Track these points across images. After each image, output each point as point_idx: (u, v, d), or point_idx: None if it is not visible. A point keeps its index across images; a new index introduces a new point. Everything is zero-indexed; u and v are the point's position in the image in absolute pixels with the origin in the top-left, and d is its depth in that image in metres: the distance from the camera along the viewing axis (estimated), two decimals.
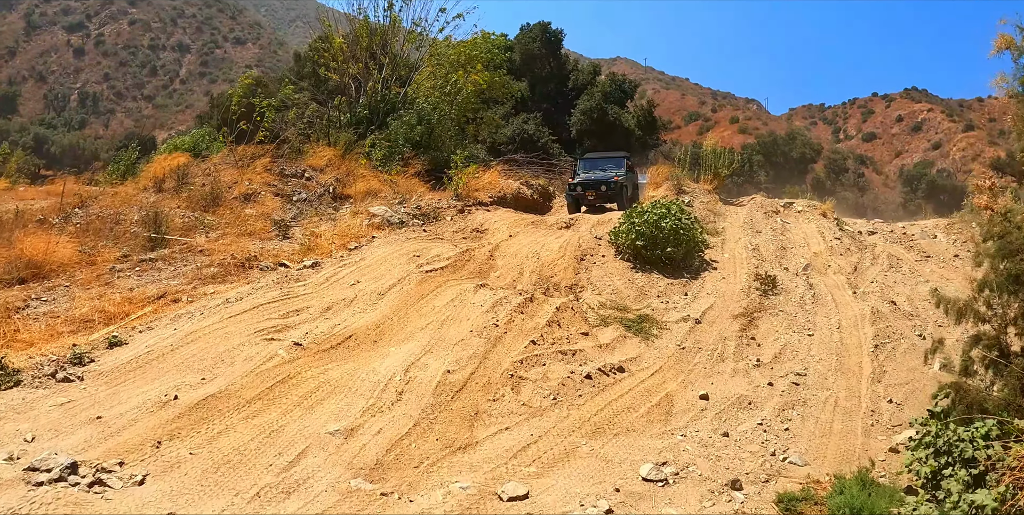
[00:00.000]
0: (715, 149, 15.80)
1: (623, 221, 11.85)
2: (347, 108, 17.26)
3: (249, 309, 8.48)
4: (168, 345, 7.48)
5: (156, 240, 10.60)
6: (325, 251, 10.81)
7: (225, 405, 6.20)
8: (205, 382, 6.62)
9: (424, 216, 13.16)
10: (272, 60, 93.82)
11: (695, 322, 9.57)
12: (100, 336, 8.00)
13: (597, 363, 7.97)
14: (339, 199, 13.28)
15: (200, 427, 5.89)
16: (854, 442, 7.36)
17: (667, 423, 7.17)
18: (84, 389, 6.53)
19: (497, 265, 11.27)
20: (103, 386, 6.64)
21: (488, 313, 8.60)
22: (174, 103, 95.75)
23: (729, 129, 74.03)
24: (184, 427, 5.87)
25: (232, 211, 11.81)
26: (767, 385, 8.20)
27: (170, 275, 9.85)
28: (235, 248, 10.33)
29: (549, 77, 27.55)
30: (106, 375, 6.86)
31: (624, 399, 7.38)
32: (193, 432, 5.82)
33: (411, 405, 6.49)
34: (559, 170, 20.22)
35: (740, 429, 7.24)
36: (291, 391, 6.52)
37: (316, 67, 19.96)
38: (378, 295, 9.24)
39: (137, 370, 6.96)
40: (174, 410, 6.07)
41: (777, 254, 12.48)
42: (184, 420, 5.96)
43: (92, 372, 6.90)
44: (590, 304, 9.75)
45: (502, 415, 6.64)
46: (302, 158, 14.88)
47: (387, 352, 7.61)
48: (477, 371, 7.21)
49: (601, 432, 6.69)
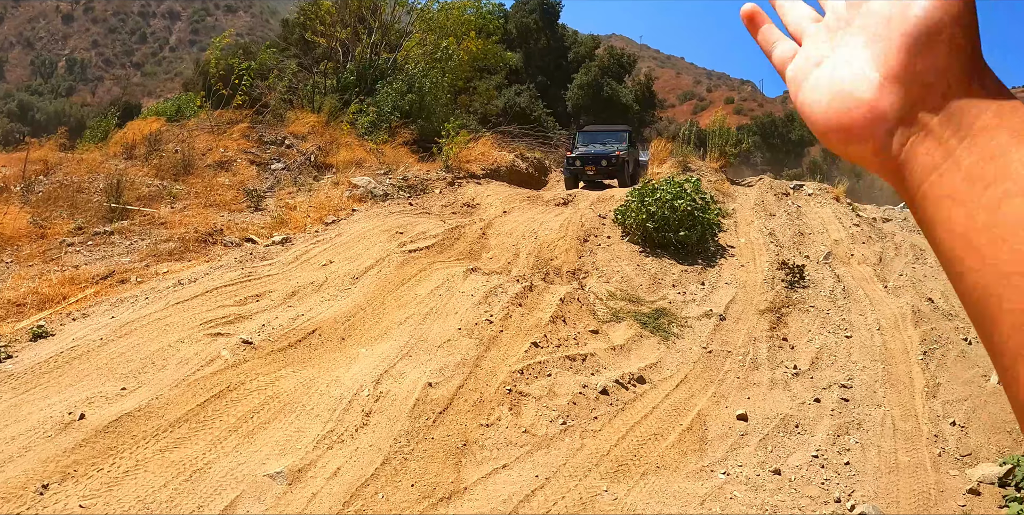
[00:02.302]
0: (722, 126, 13.88)
1: (631, 199, 9.94)
2: (333, 73, 15.10)
3: (201, 293, 6.54)
4: (97, 339, 5.57)
5: (116, 211, 8.58)
6: (299, 225, 8.84)
7: (141, 429, 4.30)
8: (125, 393, 4.74)
9: (411, 188, 11.17)
10: (263, 29, 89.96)
11: (719, 319, 7.73)
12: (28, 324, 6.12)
13: (612, 372, 6.11)
14: (321, 168, 11.26)
15: (104, 462, 4.03)
16: (926, 480, 5.61)
17: (703, 454, 5.35)
18: None
19: (490, 245, 9.33)
20: (8, 393, 4.78)
21: (480, 305, 6.70)
22: (163, 71, 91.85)
23: (724, 110, 71.71)
24: (83, 461, 4.02)
25: (203, 180, 9.80)
26: (813, 401, 6.41)
27: (123, 250, 7.89)
28: (199, 221, 8.35)
29: (545, 50, 25.22)
30: (17, 378, 4.99)
31: (649, 422, 5.54)
32: (93, 469, 3.97)
33: (380, 432, 4.60)
34: (554, 143, 18.19)
35: (792, 463, 5.45)
36: (228, 410, 4.62)
37: (304, 32, 17.75)
38: (352, 279, 7.30)
39: (54, 371, 5.09)
40: (77, 435, 4.20)
41: (795, 240, 10.65)
42: (86, 450, 4.10)
43: (2, 373, 5.03)
44: (598, 294, 7.87)
45: (498, 447, 4.78)
46: (283, 125, 12.79)
47: (355, 354, 5.71)
48: (466, 384, 5.32)
49: (625, 471, 4.86)
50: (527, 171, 14.32)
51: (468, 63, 16.86)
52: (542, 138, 17.32)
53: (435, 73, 14.70)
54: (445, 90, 15.42)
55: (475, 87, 18.16)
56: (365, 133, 12.89)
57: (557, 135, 18.89)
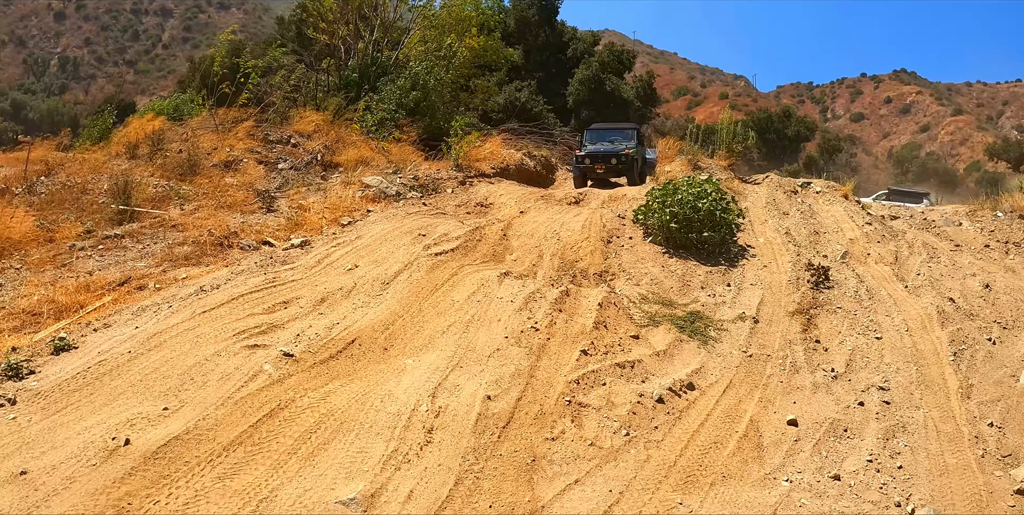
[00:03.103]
0: (729, 123, 13.87)
1: (651, 199, 9.87)
2: (336, 71, 14.83)
3: (227, 301, 6.33)
4: (125, 352, 5.35)
5: (124, 213, 8.32)
6: (315, 227, 8.63)
7: (193, 454, 4.10)
8: (168, 414, 4.52)
9: (422, 188, 10.99)
10: (256, 26, 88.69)
11: (753, 322, 7.69)
12: (47, 335, 5.88)
13: (662, 379, 6.04)
14: (328, 168, 11.03)
15: (159, 493, 3.81)
16: (975, 481, 5.61)
17: (762, 462, 5.30)
18: (14, 419, 4.45)
19: (512, 246, 9.21)
20: (38, 414, 4.52)
21: (521, 311, 6.58)
22: (156, 68, 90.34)
23: (719, 105, 71.80)
24: (137, 493, 3.80)
25: (211, 180, 9.52)
26: (857, 405, 6.39)
27: (137, 255, 7.64)
28: (213, 222, 8.10)
29: (544, 45, 24.99)
30: (45, 396, 4.73)
31: (706, 430, 5.48)
32: (149, 502, 3.75)
33: (446, 450, 4.48)
34: (558, 141, 18.07)
35: (848, 468, 5.42)
36: (283, 430, 4.44)
37: (302, 29, 17.45)
38: (382, 284, 7.14)
39: (84, 389, 4.84)
40: (124, 462, 3.98)
41: (811, 240, 10.65)
42: (137, 480, 3.88)
43: (28, 391, 4.77)
44: (630, 297, 7.79)
45: (567, 461, 4.68)
46: (288, 123, 12.53)
47: (402, 365, 5.56)
48: (525, 396, 5.21)
49: (694, 482, 4.79)
50: (535, 169, 14.20)
51: (470, 60, 16.68)
52: (546, 135, 17.22)
53: (439, 70, 14.52)
54: (450, 88, 15.25)
55: (476, 84, 17.98)
56: (372, 131, 12.68)
57: (560, 132, 18.78)
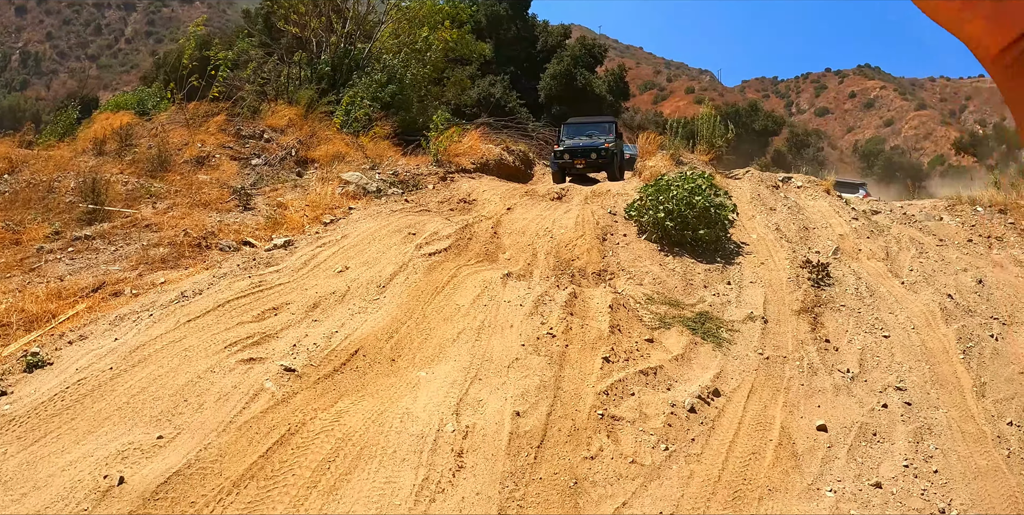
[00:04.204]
0: (710, 117, 13.69)
1: (643, 195, 9.58)
2: (308, 65, 14.17)
3: (213, 308, 5.78)
4: (107, 369, 4.78)
5: (94, 212, 7.64)
6: (296, 226, 8.07)
7: (199, 493, 3.59)
8: (164, 443, 3.99)
9: (403, 184, 10.49)
10: (220, 19, 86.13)
11: (763, 322, 7.46)
12: (17, 349, 5.28)
13: (687, 386, 5.73)
14: (303, 163, 10.41)
15: None
16: (1008, 483, 5.46)
17: (801, 472, 5.03)
18: None
19: (504, 245, 8.80)
20: (14, 445, 3.94)
21: (533, 316, 6.19)
22: (119, 63, 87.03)
23: (685, 99, 72.22)
24: None
25: (183, 177, 8.85)
26: (881, 407, 6.19)
27: (110, 257, 6.99)
28: (188, 222, 7.48)
29: (516, 39, 24.50)
30: (20, 423, 4.15)
31: (741, 440, 5.18)
32: None
33: (481, 476, 4.06)
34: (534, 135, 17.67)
35: (886, 474, 5.21)
36: (298, 460, 3.96)
37: (271, 22, 16.65)
38: (378, 287, 6.67)
39: (64, 413, 4.27)
40: (121, 506, 3.44)
41: (801, 235, 10.53)
42: None
43: (1, 417, 4.19)
44: (635, 298, 7.47)
45: (610, 482, 4.31)
46: (260, 118, 11.86)
47: (415, 379, 5.12)
48: (554, 410, 4.82)
49: (742, 497, 4.48)
50: (514, 164, 13.78)
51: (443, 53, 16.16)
52: (521, 130, 16.78)
53: (415, 64, 13.96)
54: (425, 81, 14.71)
55: (448, 78, 17.45)
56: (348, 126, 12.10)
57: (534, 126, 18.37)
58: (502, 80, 20.67)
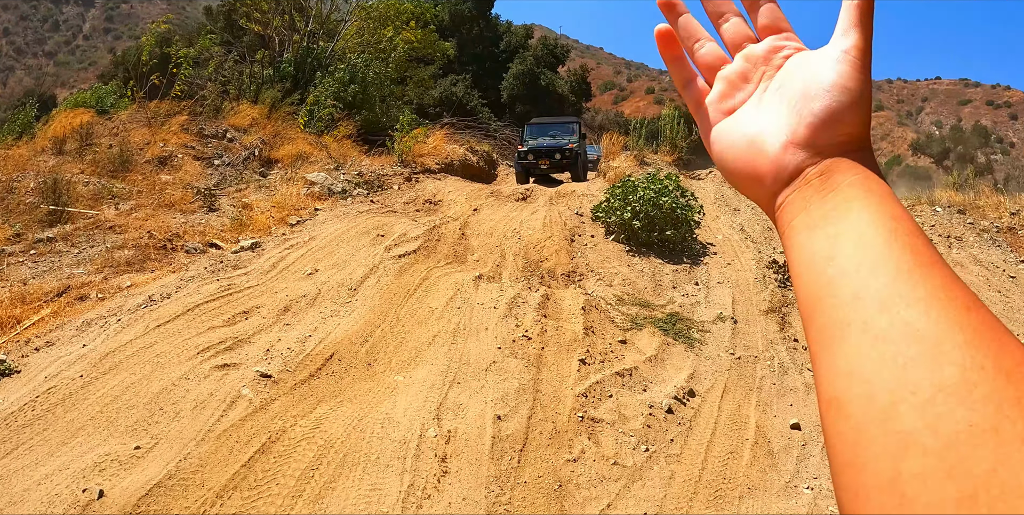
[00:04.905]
0: (673, 118, 13.87)
1: (610, 196, 9.67)
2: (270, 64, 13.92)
3: (182, 312, 5.65)
4: (77, 377, 4.63)
5: (56, 214, 7.38)
6: (262, 227, 7.93)
7: (182, 504, 3.50)
8: (142, 454, 3.88)
9: (368, 184, 10.39)
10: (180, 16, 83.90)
11: (733, 322, 7.60)
12: None
13: (661, 386, 5.80)
14: (267, 163, 10.23)
15: None
16: None
17: (778, 470, 5.14)
18: None
19: (473, 246, 8.78)
20: None
21: (507, 318, 6.19)
22: (76, 60, 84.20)
23: (645, 99, 72.81)
24: None
25: (145, 177, 8.63)
26: None
27: (74, 260, 6.77)
28: (153, 224, 7.30)
29: (479, 39, 24.40)
30: None
31: (718, 439, 5.27)
32: None
33: (466, 481, 4.05)
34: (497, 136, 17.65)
35: None
36: (281, 468, 3.89)
37: (232, 20, 16.31)
38: (349, 290, 6.59)
39: (35, 424, 4.13)
40: None
41: (765, 236, 10.76)
42: None
43: None
44: (606, 299, 7.53)
45: (593, 484, 4.34)
46: (223, 117, 11.62)
47: (393, 383, 5.07)
48: (535, 413, 4.83)
49: (723, 496, 4.56)
50: (478, 164, 13.75)
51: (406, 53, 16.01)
52: (484, 130, 16.74)
53: (378, 64, 13.80)
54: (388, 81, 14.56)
55: (411, 77, 17.30)
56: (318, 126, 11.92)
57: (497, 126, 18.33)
58: (464, 79, 20.62)
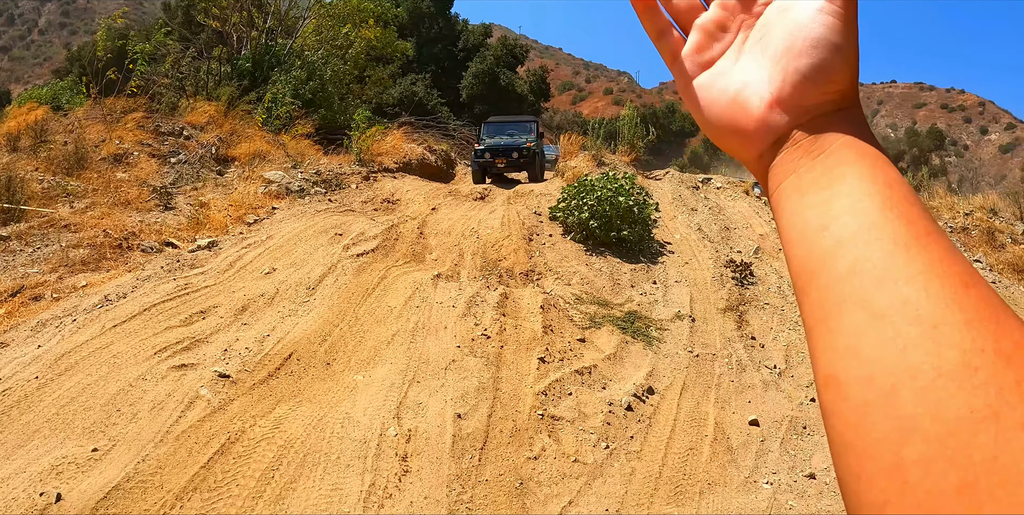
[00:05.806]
0: (631, 118, 14.04)
1: (567, 196, 9.74)
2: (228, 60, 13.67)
3: (139, 312, 5.54)
4: (32, 378, 4.51)
5: (9, 212, 7.15)
6: (219, 226, 7.80)
7: (141, 507, 3.44)
8: (100, 456, 3.79)
9: (325, 183, 10.28)
10: (138, 12, 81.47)
11: (691, 320, 7.73)
12: None
13: (621, 384, 5.87)
14: (223, 162, 10.05)
15: None
16: None
17: (738, 465, 5.25)
18: None
19: (431, 245, 8.76)
20: None
21: (466, 317, 6.20)
22: (31, 55, 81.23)
23: (603, 100, 73.35)
24: None
25: (101, 175, 8.44)
26: (809, 401, 6.53)
27: (28, 260, 6.57)
28: (108, 222, 7.14)
29: (438, 38, 24.30)
30: None
31: (678, 436, 5.36)
32: None
33: (428, 479, 4.04)
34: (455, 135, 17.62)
35: (819, 465, 5.51)
36: (241, 469, 3.83)
37: (191, 16, 15.99)
38: (307, 289, 6.52)
39: None
40: None
41: (723, 235, 10.97)
42: None
43: None
44: (565, 298, 7.59)
45: (554, 482, 4.37)
46: (179, 114, 11.37)
47: (352, 383, 5.03)
48: (495, 411, 4.85)
49: (683, 492, 4.64)
50: (436, 164, 13.70)
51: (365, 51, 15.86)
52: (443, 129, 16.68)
53: (336, 61, 13.65)
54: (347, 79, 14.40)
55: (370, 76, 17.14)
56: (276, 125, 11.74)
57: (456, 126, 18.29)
58: (423, 79, 20.54)
